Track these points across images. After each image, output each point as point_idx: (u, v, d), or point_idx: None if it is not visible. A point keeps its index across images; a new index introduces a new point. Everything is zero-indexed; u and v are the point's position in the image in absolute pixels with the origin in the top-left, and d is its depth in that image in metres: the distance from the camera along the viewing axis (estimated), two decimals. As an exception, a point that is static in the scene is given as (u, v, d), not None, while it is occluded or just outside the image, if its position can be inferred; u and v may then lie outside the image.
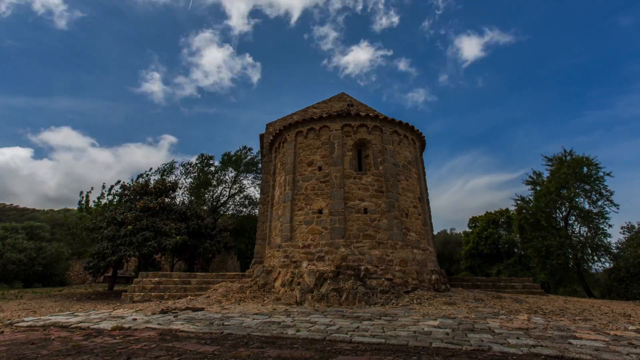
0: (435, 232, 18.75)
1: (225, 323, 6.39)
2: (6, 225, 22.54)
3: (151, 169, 22.31)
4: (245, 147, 27.92)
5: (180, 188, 25.28)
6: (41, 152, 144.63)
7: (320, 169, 11.70)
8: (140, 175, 20.11)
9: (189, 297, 10.90)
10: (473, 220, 28.78)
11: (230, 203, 27.65)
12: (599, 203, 16.14)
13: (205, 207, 24.65)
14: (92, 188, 19.96)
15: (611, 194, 16.00)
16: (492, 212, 27.12)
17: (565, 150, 17.56)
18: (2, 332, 5.96)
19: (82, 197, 18.86)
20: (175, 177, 25.88)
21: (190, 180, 26.04)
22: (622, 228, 17.56)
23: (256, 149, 28.58)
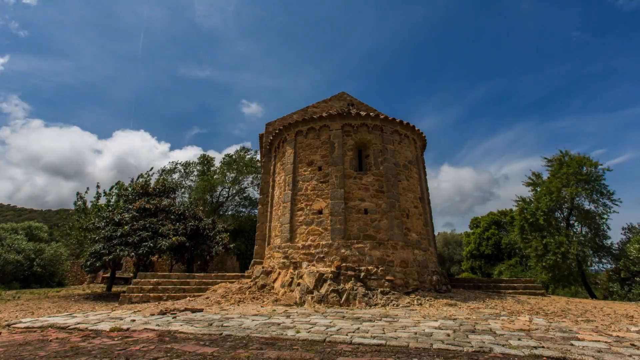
0: (436, 233, 18.72)
1: (225, 324, 6.34)
2: (5, 225, 22.48)
3: (152, 168, 22.24)
4: (244, 148, 28.01)
5: (181, 189, 25.29)
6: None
7: (320, 169, 11.65)
8: (141, 175, 20.06)
9: (188, 298, 10.85)
10: (474, 221, 28.79)
11: (230, 203, 27.66)
12: (600, 202, 16.18)
13: (205, 208, 24.62)
14: (87, 188, 19.87)
15: (612, 193, 16.04)
16: (494, 212, 27.19)
17: (561, 151, 18.01)
18: (0, 333, 5.92)
19: (79, 197, 18.80)
20: (177, 177, 25.88)
21: (190, 181, 26.06)
22: (623, 229, 17.58)
23: (256, 148, 28.66)
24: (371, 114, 12.21)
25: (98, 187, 19.07)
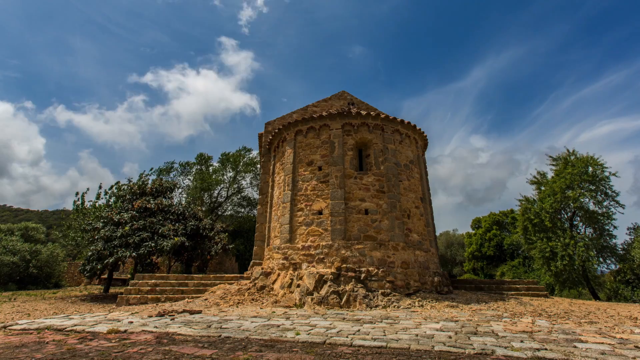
0: (437, 233, 18.66)
1: (223, 326, 6.26)
2: (1, 226, 22.38)
3: (152, 168, 22.24)
4: (244, 148, 27.99)
5: (178, 188, 25.23)
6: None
7: (320, 168, 11.58)
8: (140, 176, 19.94)
9: (186, 299, 10.77)
10: (476, 221, 28.77)
11: (228, 203, 27.61)
12: (605, 203, 16.04)
13: (203, 208, 24.57)
14: (87, 189, 19.86)
15: (617, 194, 15.91)
16: (496, 212, 27.21)
17: (568, 150, 17.76)
18: (-5, 335, 5.83)
19: (78, 197, 18.71)
20: (173, 176, 25.81)
21: (188, 180, 26.01)
22: (628, 229, 17.48)
23: (255, 148, 28.63)
24: (372, 113, 12.14)
25: (100, 187, 19.01)
